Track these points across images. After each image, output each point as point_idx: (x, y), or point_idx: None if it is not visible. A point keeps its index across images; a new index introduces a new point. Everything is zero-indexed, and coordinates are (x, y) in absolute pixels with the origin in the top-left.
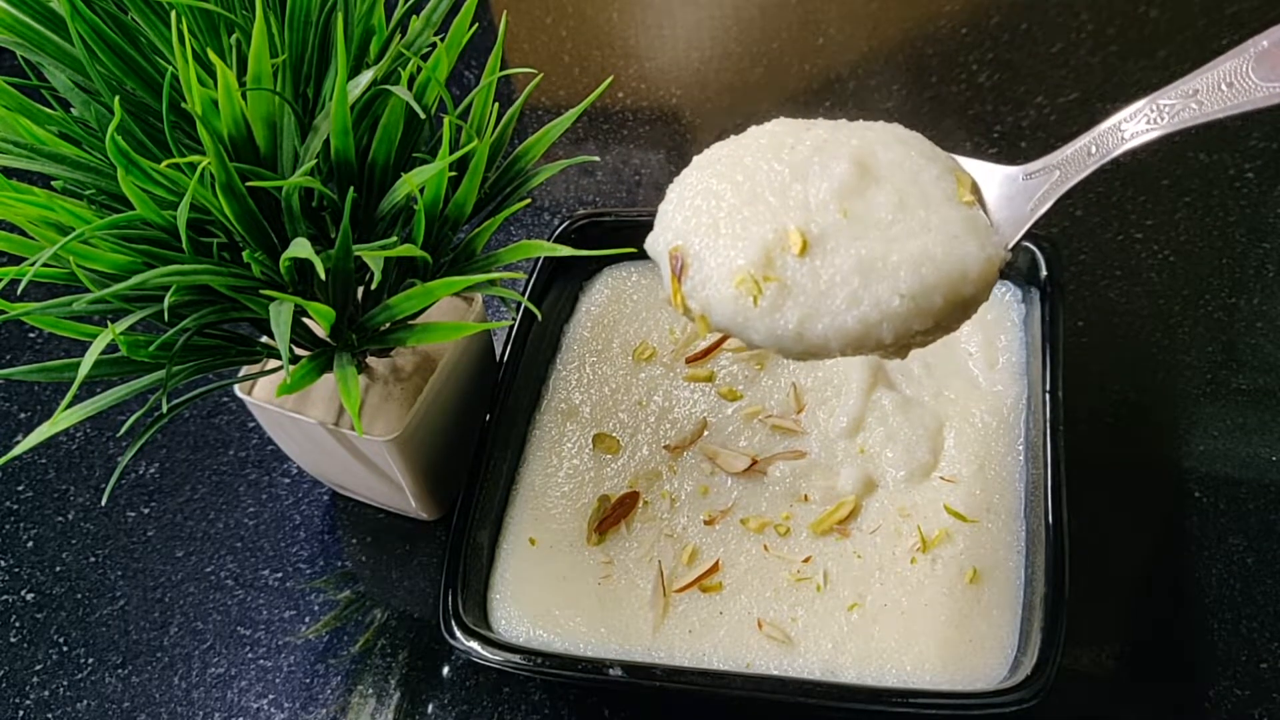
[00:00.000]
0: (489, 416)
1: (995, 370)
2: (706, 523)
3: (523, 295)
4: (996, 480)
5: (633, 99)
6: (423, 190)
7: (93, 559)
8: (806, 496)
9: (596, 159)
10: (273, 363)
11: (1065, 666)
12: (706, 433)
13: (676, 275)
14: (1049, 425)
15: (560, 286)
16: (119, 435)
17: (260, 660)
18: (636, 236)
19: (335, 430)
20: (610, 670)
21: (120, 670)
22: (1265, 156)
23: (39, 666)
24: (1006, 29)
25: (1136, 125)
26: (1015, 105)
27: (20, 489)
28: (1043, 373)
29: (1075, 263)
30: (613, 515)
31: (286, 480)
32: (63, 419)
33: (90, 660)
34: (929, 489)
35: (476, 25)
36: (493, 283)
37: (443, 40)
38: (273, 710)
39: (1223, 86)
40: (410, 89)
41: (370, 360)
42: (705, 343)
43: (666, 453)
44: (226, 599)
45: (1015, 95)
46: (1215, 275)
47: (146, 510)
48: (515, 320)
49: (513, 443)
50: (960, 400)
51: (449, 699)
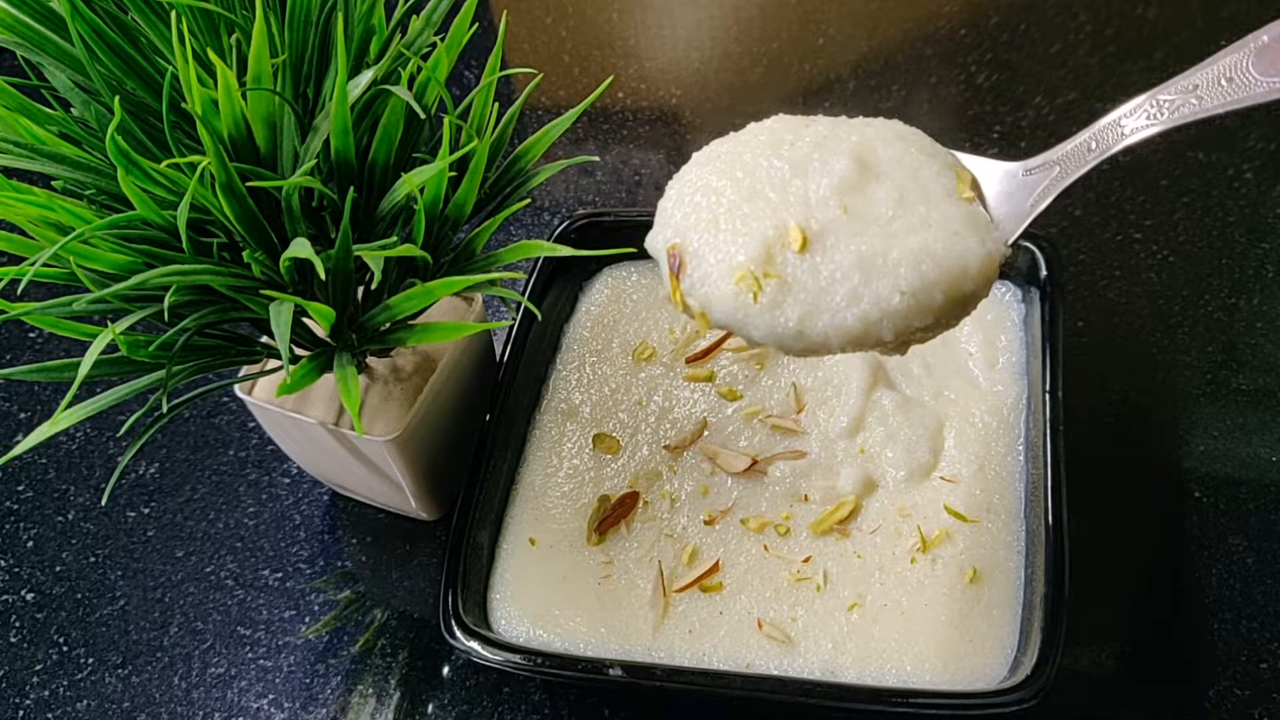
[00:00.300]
0: (489, 416)
1: (995, 370)
2: (706, 523)
3: (523, 295)
4: (996, 480)
5: (633, 99)
6: (423, 190)
7: (93, 559)
8: (806, 496)
9: (596, 159)
10: (273, 363)
11: (1065, 666)
12: (706, 433)
13: (674, 273)
14: (1049, 425)
15: (560, 286)
16: (119, 435)
17: (260, 660)
18: (636, 236)
19: (335, 430)
20: (610, 670)
21: (120, 670)
22: (1264, 157)
23: (39, 666)
24: (1005, 29)
25: (1136, 121)
26: (1014, 105)
27: (20, 489)
28: (1043, 373)
29: (1075, 262)
30: (613, 515)
31: (286, 480)
32: (63, 419)
33: (90, 660)
34: (929, 489)
35: (476, 25)
36: (493, 283)
37: (443, 40)
38: (273, 710)
39: (1222, 81)
40: (410, 89)
41: (370, 360)
42: (705, 342)
43: (666, 453)
44: (226, 599)
45: (1014, 95)
46: (1215, 275)
47: (146, 510)
48: (515, 320)
49: (513, 443)
50: (960, 400)
51: (449, 699)
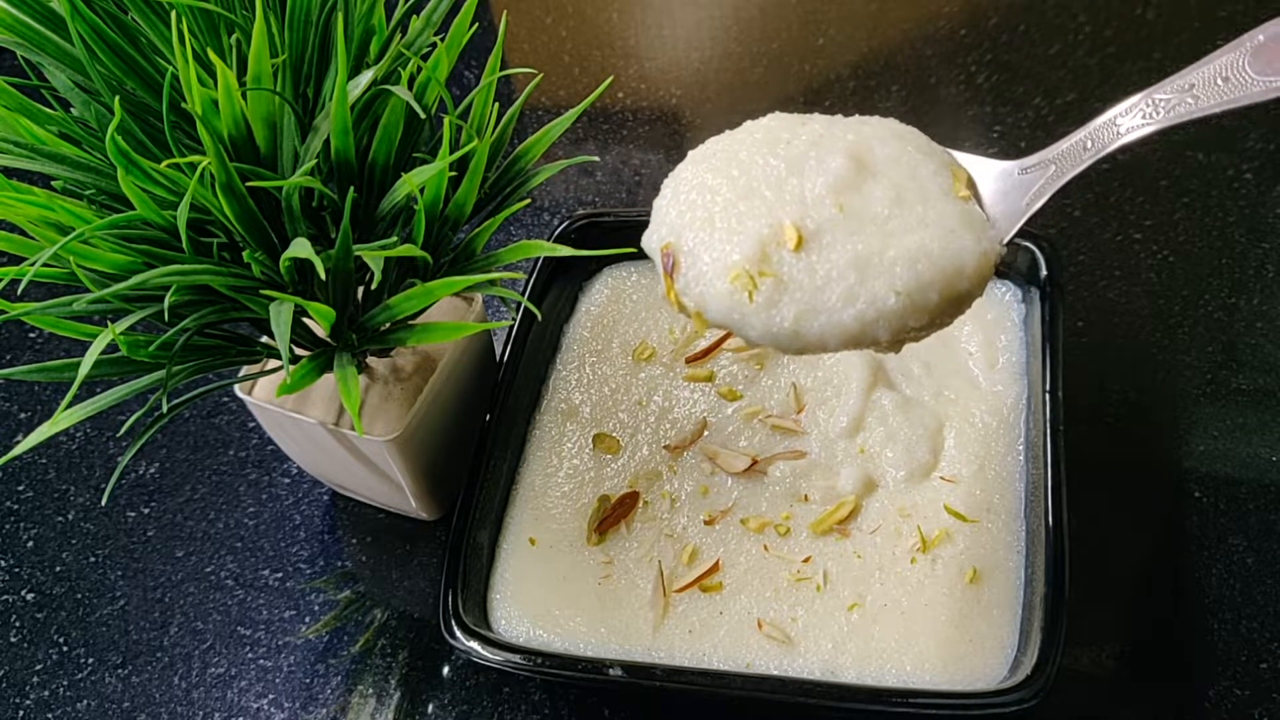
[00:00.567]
0: (489, 416)
1: (995, 370)
2: (706, 523)
3: (523, 295)
4: (996, 480)
5: (633, 99)
6: (423, 190)
7: (93, 559)
8: (806, 496)
9: (596, 159)
10: (273, 363)
11: (1065, 666)
12: (706, 433)
13: (668, 273)
14: (1049, 425)
15: (560, 286)
16: (119, 435)
17: (260, 660)
18: (636, 236)
19: (335, 430)
20: (610, 670)
21: (120, 670)
22: (1263, 157)
23: (39, 666)
24: (1005, 30)
25: (1132, 120)
26: (1013, 106)
27: (20, 489)
28: (1043, 373)
29: (1074, 263)
30: (613, 515)
31: (286, 480)
32: (63, 419)
33: (90, 660)
34: (929, 489)
35: (476, 25)
36: (493, 283)
37: (443, 40)
38: (273, 710)
39: (1219, 81)
40: (410, 89)
41: (370, 360)
42: (705, 342)
43: (666, 453)
44: (226, 599)
45: (1013, 96)
46: (1215, 275)
47: (146, 510)
48: (515, 320)
49: (513, 443)
50: (960, 400)
51: (449, 699)
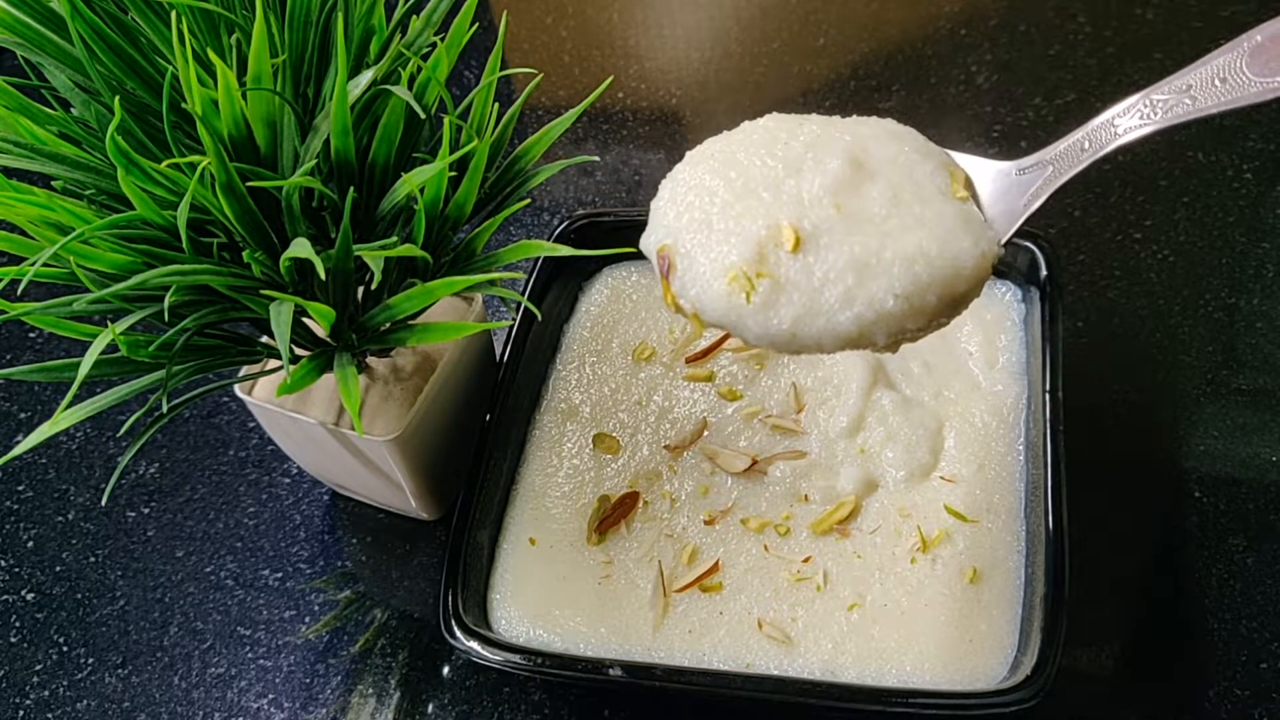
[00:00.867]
0: (489, 416)
1: (995, 370)
2: (706, 523)
3: (523, 295)
4: (996, 480)
5: (633, 99)
6: (423, 190)
7: (93, 559)
8: (806, 496)
9: (596, 159)
10: (273, 363)
11: (1065, 666)
12: (706, 433)
13: (664, 275)
14: (1049, 425)
15: (560, 286)
16: (119, 435)
17: (260, 660)
18: (636, 236)
19: (335, 430)
20: (610, 670)
21: (120, 670)
22: (1263, 157)
23: (39, 666)
24: (1005, 30)
25: (1129, 120)
26: (1014, 106)
27: (20, 489)
28: (1043, 373)
29: (1075, 263)
30: (613, 515)
31: (286, 480)
32: (63, 419)
33: (90, 660)
34: (929, 489)
35: (476, 25)
36: (493, 283)
37: (443, 40)
38: (273, 710)
39: (1216, 82)
40: (410, 89)
41: (370, 360)
42: (705, 342)
43: (666, 453)
44: (226, 599)
45: (1014, 96)
46: (1215, 275)
47: (146, 510)
48: (515, 320)
49: (513, 443)
50: (960, 400)
51: (449, 699)
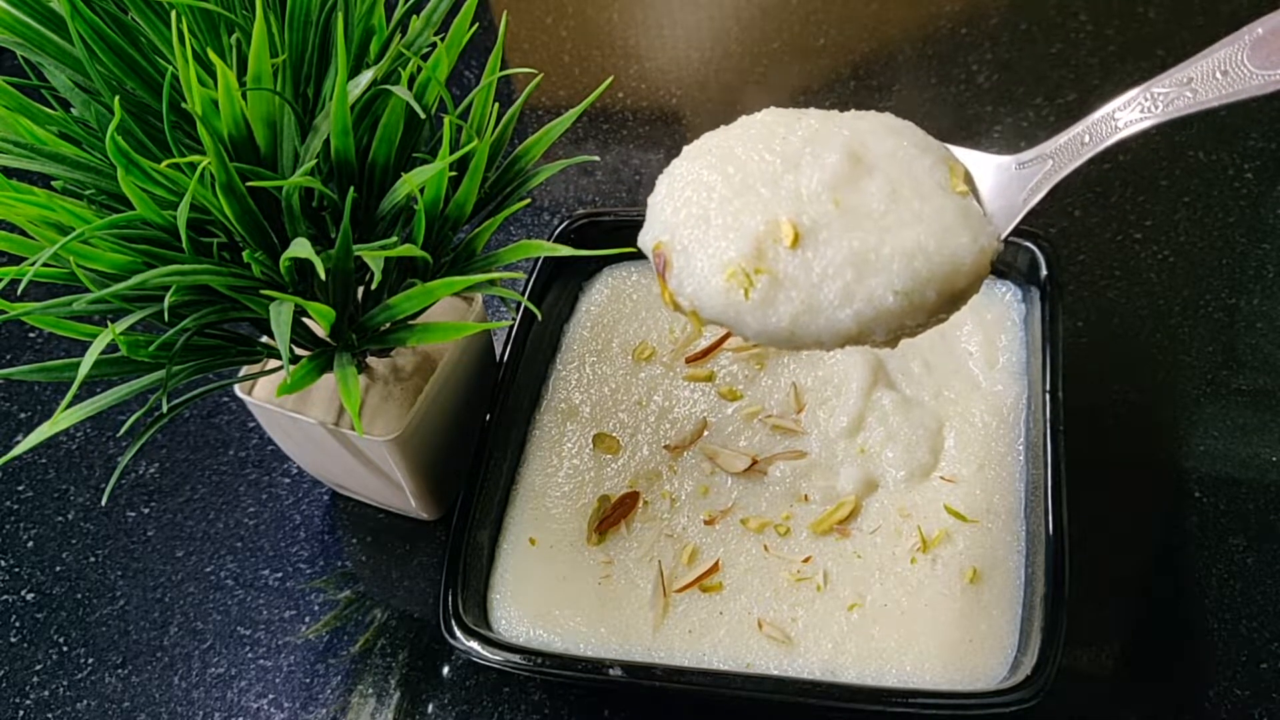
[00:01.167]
0: (489, 416)
1: (995, 370)
2: (706, 523)
3: (523, 295)
4: (996, 480)
5: (633, 99)
6: (423, 190)
7: (93, 559)
8: (806, 496)
9: (596, 159)
10: (273, 363)
11: (1065, 666)
12: (706, 433)
13: (660, 273)
14: (1049, 425)
15: (560, 286)
16: (119, 435)
17: (260, 660)
18: (636, 236)
19: (335, 430)
20: (610, 670)
21: (120, 670)
22: (1264, 156)
23: (39, 666)
24: (1005, 29)
25: (1130, 114)
26: (1014, 106)
27: (20, 489)
28: (1043, 373)
29: (1075, 263)
30: (613, 515)
31: (286, 480)
32: (63, 419)
33: (90, 660)
34: (929, 489)
35: (476, 25)
36: (493, 283)
37: (443, 40)
38: (273, 710)
39: (1218, 74)
40: (410, 89)
41: (370, 360)
42: (705, 342)
43: (666, 453)
44: (226, 599)
45: (1014, 96)
46: (1215, 275)
47: (146, 510)
48: (515, 320)
49: (513, 443)
50: (960, 400)
51: (449, 699)
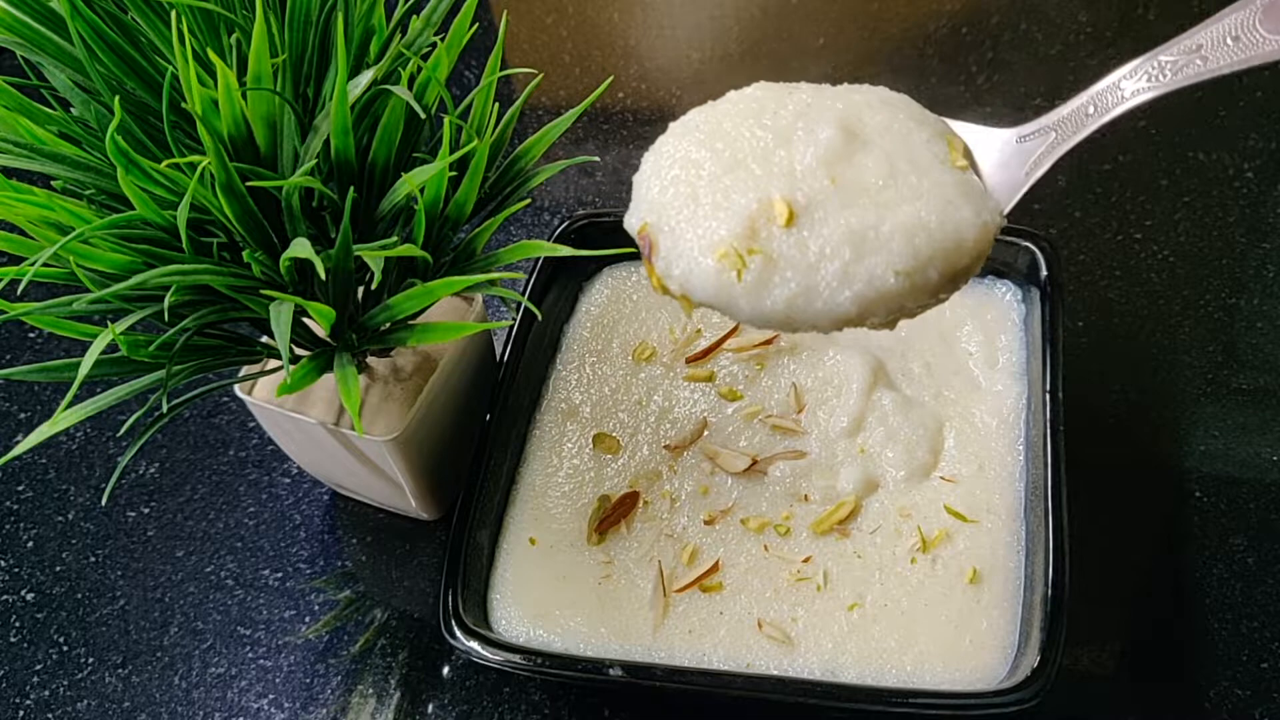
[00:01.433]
0: (489, 416)
1: (995, 370)
2: (706, 523)
3: (523, 295)
4: (996, 480)
5: (633, 99)
6: (423, 190)
7: (93, 559)
8: (806, 496)
9: (596, 159)
10: (273, 363)
11: (1065, 666)
12: (706, 433)
13: (647, 256)
14: (1049, 425)
15: (560, 286)
16: (119, 435)
17: (260, 660)
18: None
19: (335, 430)
20: (610, 670)
21: (120, 670)
22: (1264, 156)
23: (39, 666)
24: (1005, 29)
25: (1137, 83)
26: (1014, 106)
27: (20, 489)
28: (1043, 373)
29: (1075, 263)
30: (613, 515)
31: (286, 480)
32: (63, 419)
33: (90, 660)
34: (929, 489)
35: (476, 25)
36: (493, 283)
37: (443, 40)
38: (273, 710)
39: (1228, 40)
40: (410, 89)
41: (370, 360)
42: (705, 342)
43: (666, 453)
44: (226, 599)
45: (1015, 96)
46: (1215, 275)
47: (146, 510)
48: (515, 320)
49: (513, 443)
50: (960, 400)
51: (449, 699)
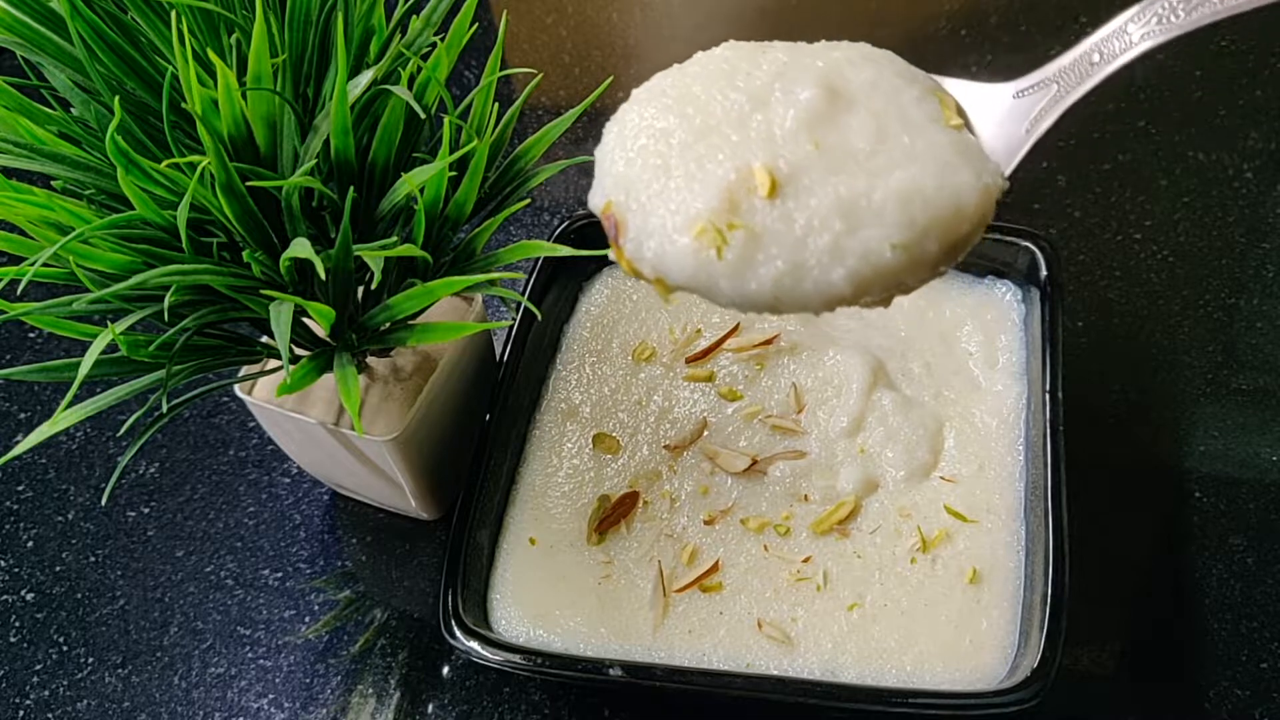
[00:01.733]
0: (489, 416)
1: (995, 370)
2: (706, 523)
3: (523, 295)
4: (996, 480)
5: None
6: (423, 190)
7: (93, 559)
8: (806, 496)
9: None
10: (273, 363)
11: (1065, 666)
12: (706, 433)
13: (614, 239)
14: (1049, 425)
15: (560, 286)
16: (119, 435)
17: (260, 660)
18: None
19: (335, 430)
20: (610, 670)
21: (120, 670)
22: (1264, 156)
23: (39, 666)
24: (1005, 30)
25: (1145, 26)
26: None
27: (20, 489)
28: (1043, 373)
29: (1075, 263)
30: (613, 515)
31: (286, 480)
32: (63, 419)
33: (90, 660)
34: (929, 489)
35: (476, 25)
36: (493, 283)
37: (443, 40)
38: (273, 710)
39: None
40: (410, 89)
41: (370, 360)
42: (705, 342)
43: (666, 453)
44: (226, 599)
45: None
46: (1215, 275)
47: (146, 510)
48: (515, 320)
49: (513, 443)
50: (960, 400)
51: (449, 699)
